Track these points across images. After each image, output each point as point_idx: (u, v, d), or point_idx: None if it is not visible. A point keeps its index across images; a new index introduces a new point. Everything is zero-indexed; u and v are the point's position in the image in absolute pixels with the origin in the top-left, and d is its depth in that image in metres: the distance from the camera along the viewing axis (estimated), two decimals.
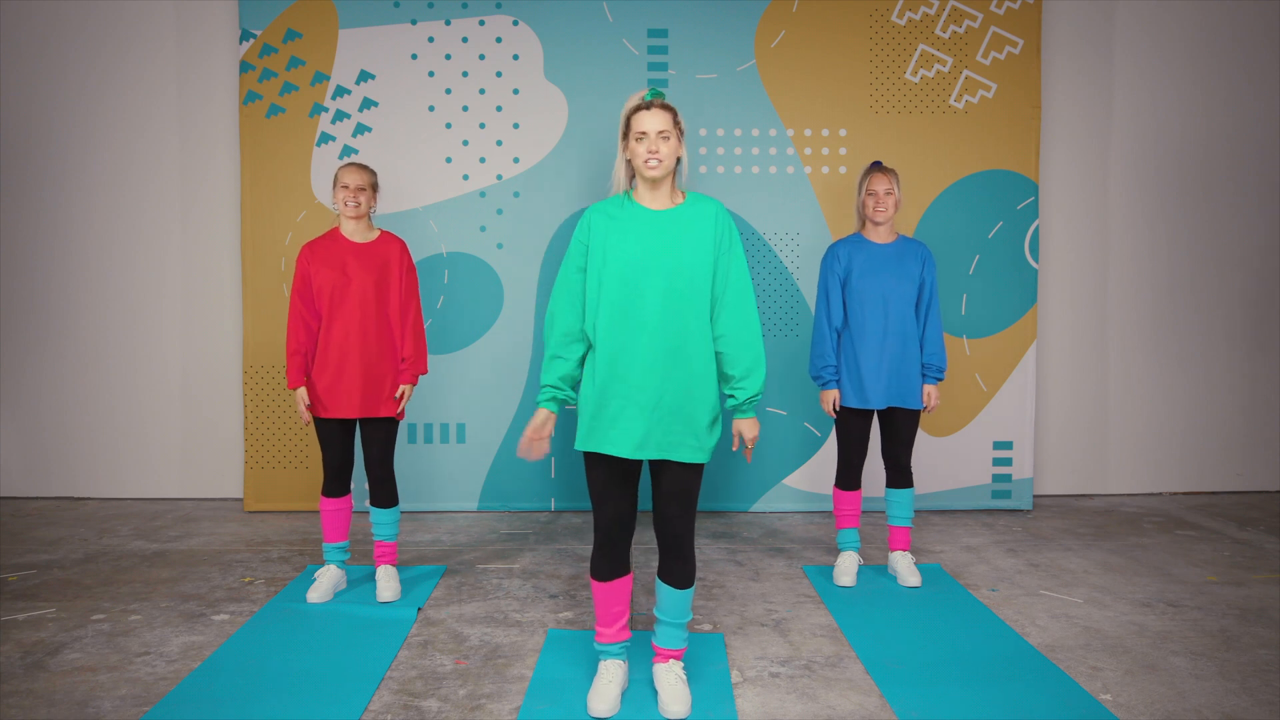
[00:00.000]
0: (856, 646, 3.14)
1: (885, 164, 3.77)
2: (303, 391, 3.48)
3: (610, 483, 2.62)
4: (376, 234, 3.58)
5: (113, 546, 4.34)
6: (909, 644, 3.16)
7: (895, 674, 2.92)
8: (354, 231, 3.52)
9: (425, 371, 3.68)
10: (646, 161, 2.56)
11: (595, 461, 2.62)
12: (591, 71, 4.94)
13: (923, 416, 4.82)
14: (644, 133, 2.55)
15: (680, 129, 2.60)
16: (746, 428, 2.68)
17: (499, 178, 4.98)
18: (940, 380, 3.75)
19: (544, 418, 2.65)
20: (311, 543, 4.41)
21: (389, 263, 3.52)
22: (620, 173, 2.67)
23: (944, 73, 4.97)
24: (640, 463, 2.64)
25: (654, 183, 2.60)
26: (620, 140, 2.64)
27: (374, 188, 3.56)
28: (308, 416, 3.50)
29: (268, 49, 4.92)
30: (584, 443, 2.59)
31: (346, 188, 3.48)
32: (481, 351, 5.01)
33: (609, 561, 2.67)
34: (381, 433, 3.56)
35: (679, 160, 2.62)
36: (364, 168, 3.54)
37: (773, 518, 4.93)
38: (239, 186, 5.06)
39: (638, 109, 2.58)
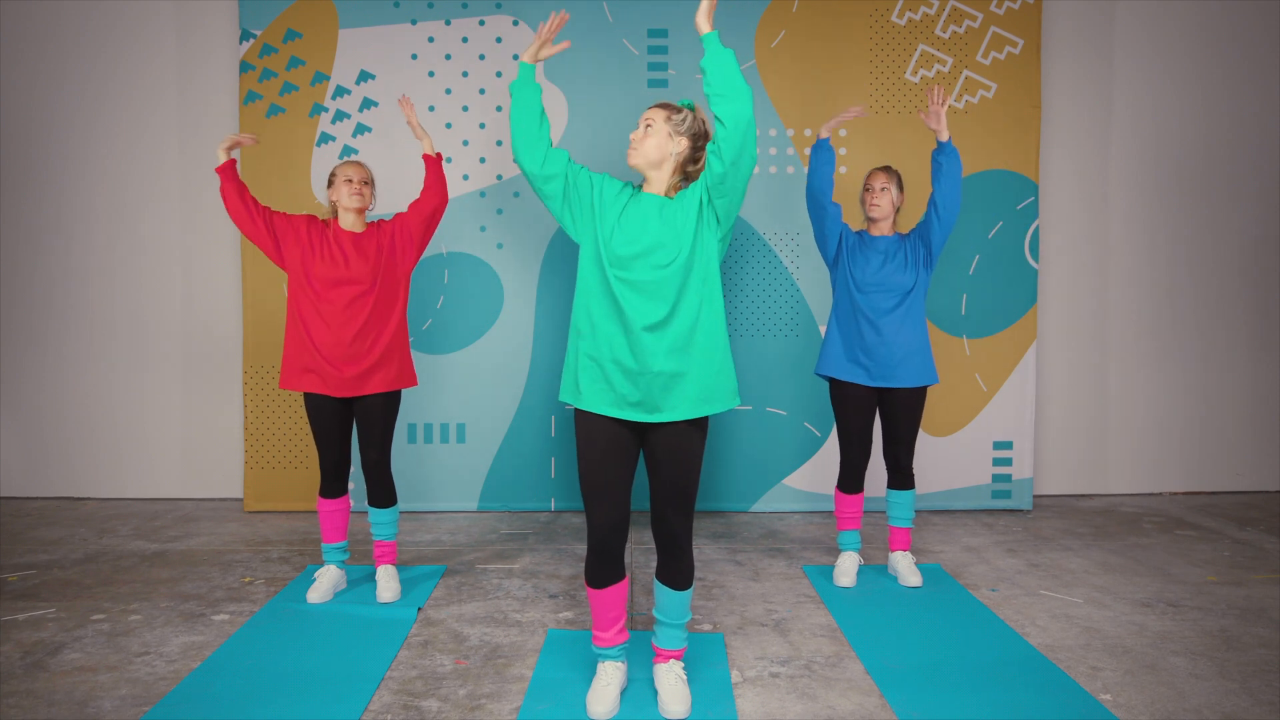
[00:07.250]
0: (856, 646, 3.14)
1: (892, 166, 3.88)
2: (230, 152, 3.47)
3: (595, 458, 2.57)
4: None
5: (113, 546, 4.34)
6: (909, 644, 3.16)
7: (895, 674, 2.92)
8: (353, 225, 3.52)
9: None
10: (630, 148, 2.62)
11: (586, 432, 2.59)
12: (592, 72, 4.93)
13: (924, 419, 4.80)
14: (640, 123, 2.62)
15: (674, 126, 2.57)
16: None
17: (499, 178, 4.98)
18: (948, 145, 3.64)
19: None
20: (311, 543, 4.41)
21: (381, 244, 3.48)
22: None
23: (944, 73, 4.97)
24: (634, 455, 2.62)
25: (647, 178, 2.63)
26: None
27: (372, 184, 3.56)
28: (234, 141, 3.47)
29: (268, 49, 4.92)
30: (566, 394, 2.63)
31: (350, 181, 3.47)
32: (481, 351, 5.01)
33: (603, 568, 2.64)
34: (378, 427, 3.52)
35: (672, 158, 2.61)
36: (363, 164, 3.55)
37: (772, 518, 4.93)
38: None
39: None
